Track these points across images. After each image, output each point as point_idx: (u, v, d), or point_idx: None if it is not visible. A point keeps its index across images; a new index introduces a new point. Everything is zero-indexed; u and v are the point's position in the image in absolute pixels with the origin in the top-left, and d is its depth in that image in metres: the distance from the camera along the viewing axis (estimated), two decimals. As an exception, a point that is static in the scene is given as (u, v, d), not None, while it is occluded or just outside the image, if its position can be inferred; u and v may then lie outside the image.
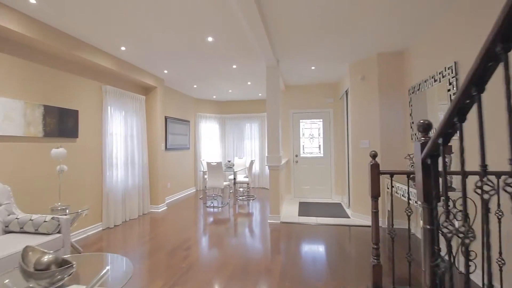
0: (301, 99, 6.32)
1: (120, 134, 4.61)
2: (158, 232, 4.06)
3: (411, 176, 2.67)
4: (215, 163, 5.62)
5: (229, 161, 6.61)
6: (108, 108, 4.31)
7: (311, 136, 6.33)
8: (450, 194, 2.24)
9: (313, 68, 4.96)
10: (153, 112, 5.41)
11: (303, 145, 6.36)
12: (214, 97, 7.70)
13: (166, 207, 5.63)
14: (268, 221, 4.49)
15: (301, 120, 6.37)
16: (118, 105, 4.57)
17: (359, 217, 4.48)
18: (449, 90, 2.89)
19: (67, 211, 3.23)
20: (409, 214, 2.00)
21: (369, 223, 4.29)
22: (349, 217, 4.62)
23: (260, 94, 7.42)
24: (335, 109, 6.14)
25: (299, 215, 4.81)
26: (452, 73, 2.83)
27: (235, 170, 6.07)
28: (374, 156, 2.04)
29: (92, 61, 3.73)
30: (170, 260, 3.04)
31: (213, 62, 4.56)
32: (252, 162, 6.38)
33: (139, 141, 5.05)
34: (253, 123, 8.15)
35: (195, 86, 6.29)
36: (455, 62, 2.79)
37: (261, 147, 8.07)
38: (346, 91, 5.28)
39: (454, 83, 2.79)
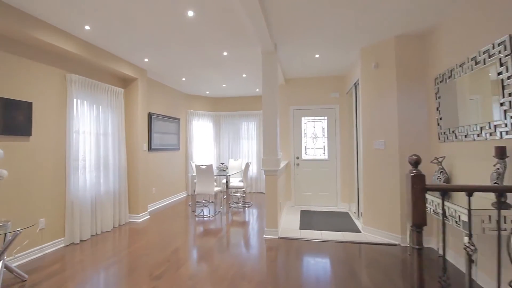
0: (302, 94, 5.62)
1: (91, 132, 3.92)
2: (130, 250, 3.36)
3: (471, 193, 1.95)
4: (205, 166, 4.92)
5: (222, 164, 5.91)
6: (73, 101, 3.63)
7: (314, 136, 5.62)
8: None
9: (317, 56, 4.26)
10: (134, 107, 4.72)
11: (305, 146, 5.65)
12: (207, 92, 7.00)
13: (148, 216, 4.93)
14: (264, 236, 3.78)
15: (303, 118, 5.66)
16: (88, 97, 3.88)
17: (372, 232, 3.76)
18: (499, 73, 2.18)
19: (8, 228, 2.54)
20: (471, 252, 1.29)
21: (385, 240, 3.57)
22: (359, 231, 3.90)
23: (257, 90, 6.72)
24: (341, 105, 5.43)
25: (300, 227, 4.10)
26: (505, 50, 2.13)
27: (229, 174, 5.37)
28: (416, 163, 1.33)
29: (48, 41, 3.04)
30: (133, 295, 2.34)
31: (200, 48, 3.87)
32: (247, 165, 5.68)
33: (116, 141, 4.36)
34: (250, 121, 7.45)
35: (183, 79, 5.60)
36: (510, 36, 2.09)
37: (258, 148, 7.37)
38: (355, 83, 4.58)
39: (509, 62, 2.09)
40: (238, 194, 6.72)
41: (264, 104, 3.84)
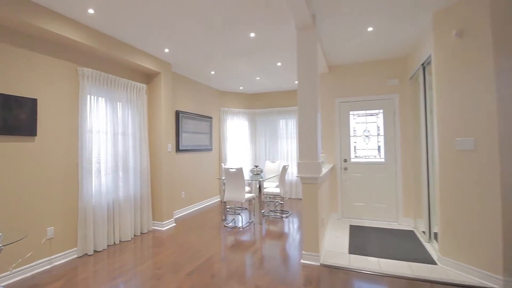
0: (351, 83, 4.64)
1: (107, 131, 3.56)
2: (143, 267, 2.87)
3: None
4: (234, 170, 4.29)
5: (256, 166, 5.24)
6: (87, 98, 3.29)
7: (367, 134, 4.60)
8: None
9: (370, 29, 3.31)
10: (157, 104, 4.31)
11: (354, 146, 4.66)
12: (241, 88, 6.40)
13: (174, 224, 4.47)
14: (302, 261, 2.97)
15: (351, 112, 4.69)
16: (104, 94, 3.53)
17: (455, 266, 2.69)
18: None
19: (-1, 241, 2.20)
20: None
21: (476, 280, 2.49)
22: (434, 263, 2.85)
23: (296, 82, 5.87)
24: (402, 94, 4.33)
25: (350, 251, 3.20)
26: None
27: (264, 178, 4.66)
28: None
29: (50, 30, 2.69)
30: None
31: (221, 30, 3.24)
32: (284, 168, 4.91)
33: (137, 141, 3.98)
34: (289, 118, 6.64)
35: (212, 72, 5.07)
36: None
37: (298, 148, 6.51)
38: (423, 63, 3.50)
39: None
40: (276, 201, 5.99)
41: (299, 96, 3.03)
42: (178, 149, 5.02)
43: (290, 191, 6.59)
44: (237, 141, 6.81)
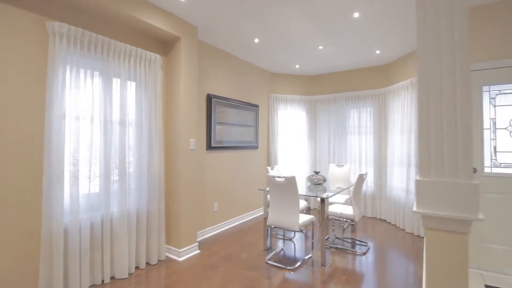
0: (486, 33, 2.67)
1: (93, 118, 2.43)
2: None
3: None
4: (283, 179, 2.80)
5: (316, 173, 3.65)
6: (59, 67, 2.19)
7: (519, 125, 2.60)
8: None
9: None
10: (175, 83, 3.08)
11: (494, 147, 2.69)
12: (297, 66, 4.83)
13: (196, 252, 3.19)
14: None
15: (485, 88, 2.72)
16: (91, 63, 2.41)
17: None
18: None
19: None
20: None
21: None
22: None
23: (377, 52, 4.04)
24: None
25: None
26: None
27: (327, 195, 3.07)
28: None
29: None
30: None
31: None
32: (362, 178, 3.21)
33: (144, 133, 2.80)
34: (363, 107, 4.79)
35: (256, 40, 3.63)
36: None
37: (377, 149, 4.62)
38: None
39: None
40: (346, 221, 4.28)
41: (419, 51, 1.36)
42: (209, 146, 3.75)
43: (365, 207, 4.76)
44: (291, 137, 5.27)
